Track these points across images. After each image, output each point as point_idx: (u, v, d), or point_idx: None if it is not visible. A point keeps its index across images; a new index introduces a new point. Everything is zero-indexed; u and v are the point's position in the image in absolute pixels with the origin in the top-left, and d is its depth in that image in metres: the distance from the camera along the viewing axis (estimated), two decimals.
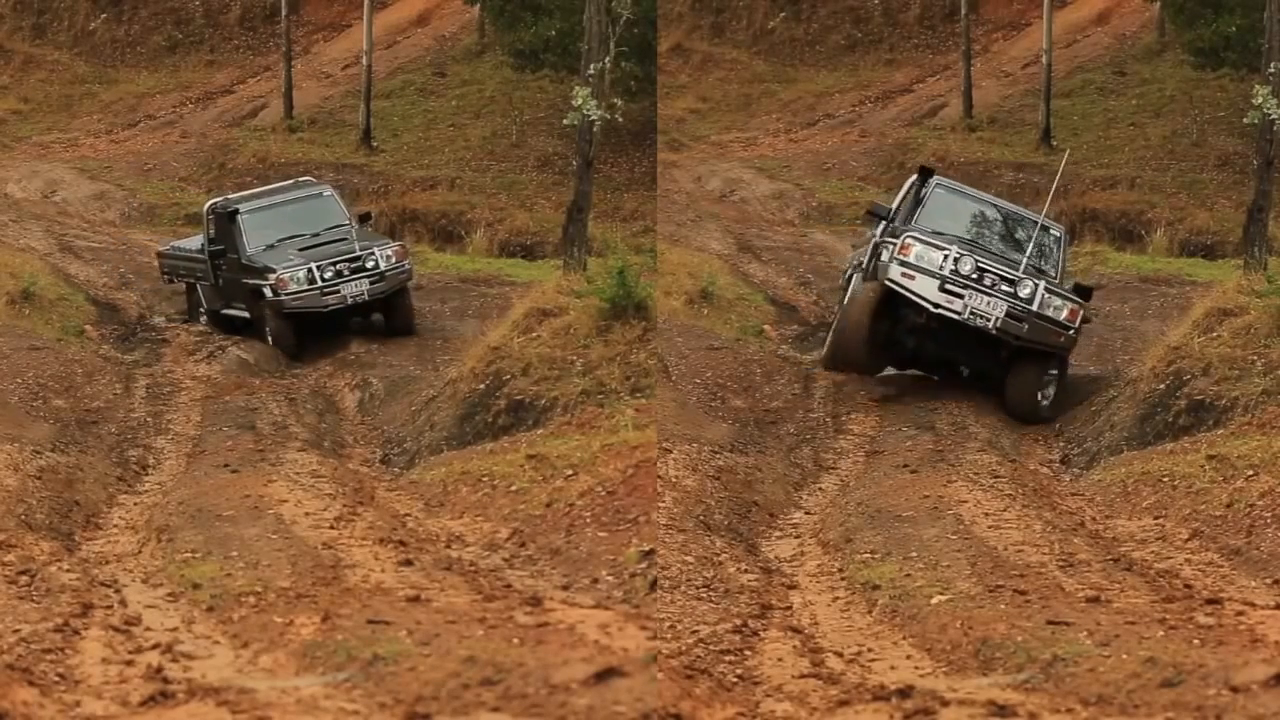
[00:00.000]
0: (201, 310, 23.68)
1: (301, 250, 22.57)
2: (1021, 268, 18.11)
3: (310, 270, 22.13)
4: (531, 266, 25.85)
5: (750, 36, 35.50)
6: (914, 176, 19.99)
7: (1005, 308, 17.82)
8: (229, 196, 24.50)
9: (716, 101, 33.60)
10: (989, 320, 17.76)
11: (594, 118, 19.17)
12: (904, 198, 19.79)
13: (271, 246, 22.75)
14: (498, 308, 21.38)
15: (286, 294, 22.08)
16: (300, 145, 31.81)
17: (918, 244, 17.97)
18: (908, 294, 17.85)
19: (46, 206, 29.85)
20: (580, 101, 19.13)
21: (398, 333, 22.34)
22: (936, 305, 17.76)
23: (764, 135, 32.25)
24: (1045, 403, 18.14)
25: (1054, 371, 18.29)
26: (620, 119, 20.60)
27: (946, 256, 17.89)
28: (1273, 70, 18.98)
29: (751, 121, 32.87)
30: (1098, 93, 31.84)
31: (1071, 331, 18.04)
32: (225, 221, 23.13)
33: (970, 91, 31.52)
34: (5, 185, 30.52)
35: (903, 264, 17.90)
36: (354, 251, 22.27)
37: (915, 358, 18.92)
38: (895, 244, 18.11)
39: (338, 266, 22.20)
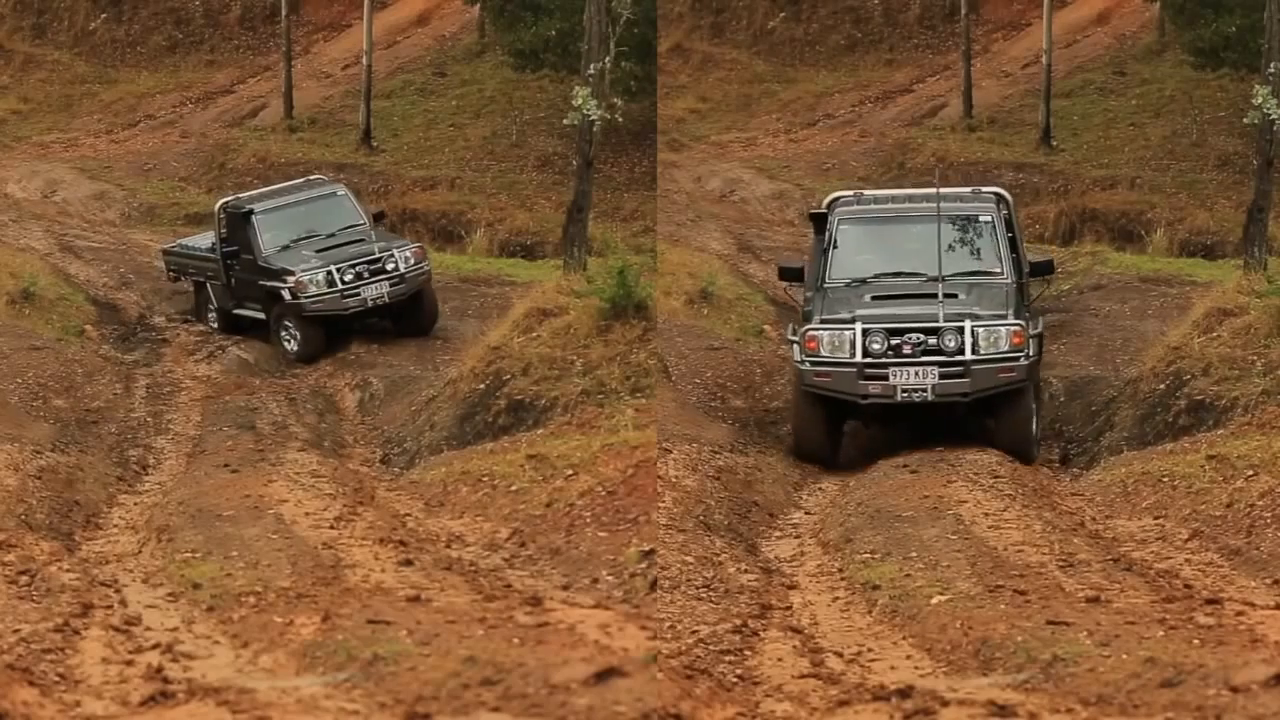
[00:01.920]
0: (211, 309, 23.39)
1: (319, 252, 22.24)
2: (940, 315, 15.91)
3: (330, 273, 21.79)
4: (531, 266, 25.86)
5: (750, 36, 35.53)
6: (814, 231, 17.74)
7: (936, 371, 15.88)
8: (240, 195, 24.19)
9: (716, 101, 33.62)
10: (925, 392, 15.86)
11: (594, 118, 19.17)
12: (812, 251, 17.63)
13: (287, 247, 22.47)
14: (498, 308, 21.37)
15: (306, 297, 21.72)
16: (300, 145, 31.82)
17: (822, 334, 16.05)
18: (832, 395, 16.07)
19: (46, 206, 29.86)
20: (580, 101, 19.13)
21: (418, 333, 22.01)
22: (865, 396, 15.96)
23: (764, 135, 32.26)
24: (1038, 437, 16.36)
25: (1031, 404, 16.30)
26: (620, 119, 20.58)
27: (854, 339, 15.95)
28: (1273, 70, 18.98)
29: (751, 121, 32.89)
30: (1098, 93, 31.85)
31: (1023, 359, 15.92)
32: (240, 221, 22.82)
33: (970, 91, 31.53)
34: (5, 185, 30.54)
35: (814, 363, 16.05)
36: (374, 253, 21.95)
37: (888, 424, 16.85)
38: (799, 340, 16.21)
39: (357, 269, 21.86)
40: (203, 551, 11.51)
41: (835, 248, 17.14)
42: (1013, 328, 16.00)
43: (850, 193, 18.24)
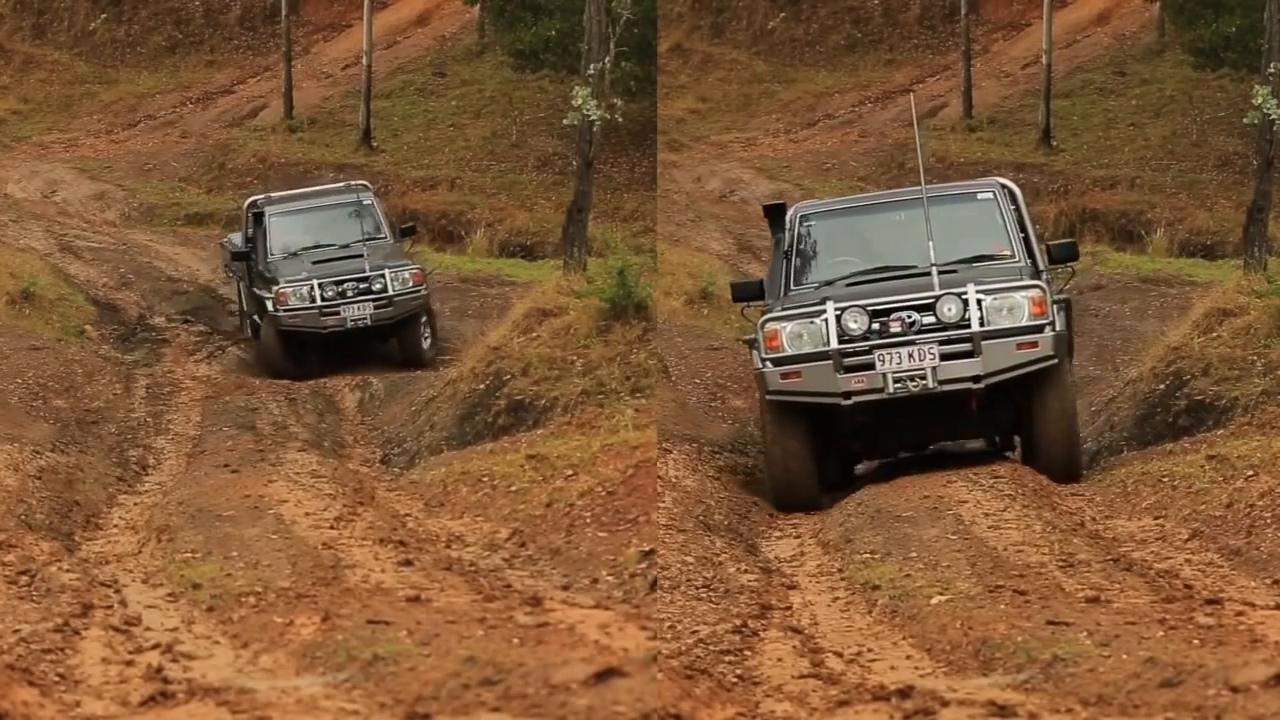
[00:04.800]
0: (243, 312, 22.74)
1: (316, 263, 21.23)
2: (935, 284, 13.00)
3: (313, 287, 20.79)
4: (531, 266, 25.91)
5: (750, 36, 35.57)
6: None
7: (937, 351, 12.95)
8: (272, 195, 23.38)
9: (716, 102, 33.66)
10: (925, 379, 12.92)
11: (594, 118, 19.17)
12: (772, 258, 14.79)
13: (294, 255, 21.55)
14: (498, 308, 21.37)
15: (284, 310, 20.80)
16: (300, 145, 31.87)
17: (783, 324, 13.17)
18: (804, 400, 13.15)
19: (46, 206, 29.88)
20: (580, 101, 19.13)
21: (409, 363, 20.98)
22: (848, 395, 12.99)
23: (764, 135, 32.31)
24: (1080, 443, 13.84)
25: (1069, 393, 13.52)
26: (620, 119, 20.58)
27: (825, 322, 13.01)
28: (1272, 70, 18.98)
29: (751, 121, 32.94)
30: (1098, 93, 31.90)
31: (1048, 328, 13.02)
32: (255, 222, 22.15)
33: (970, 91, 31.57)
34: (5, 185, 30.58)
35: (777, 362, 13.13)
36: (363, 271, 20.87)
37: (888, 447, 14.26)
38: (759, 338, 13.33)
39: (341, 286, 20.79)
40: (203, 551, 11.51)
41: (799, 251, 14.31)
42: (1030, 293, 13.06)
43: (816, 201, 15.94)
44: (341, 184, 23.89)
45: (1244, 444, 13.58)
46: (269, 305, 21.06)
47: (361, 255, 21.20)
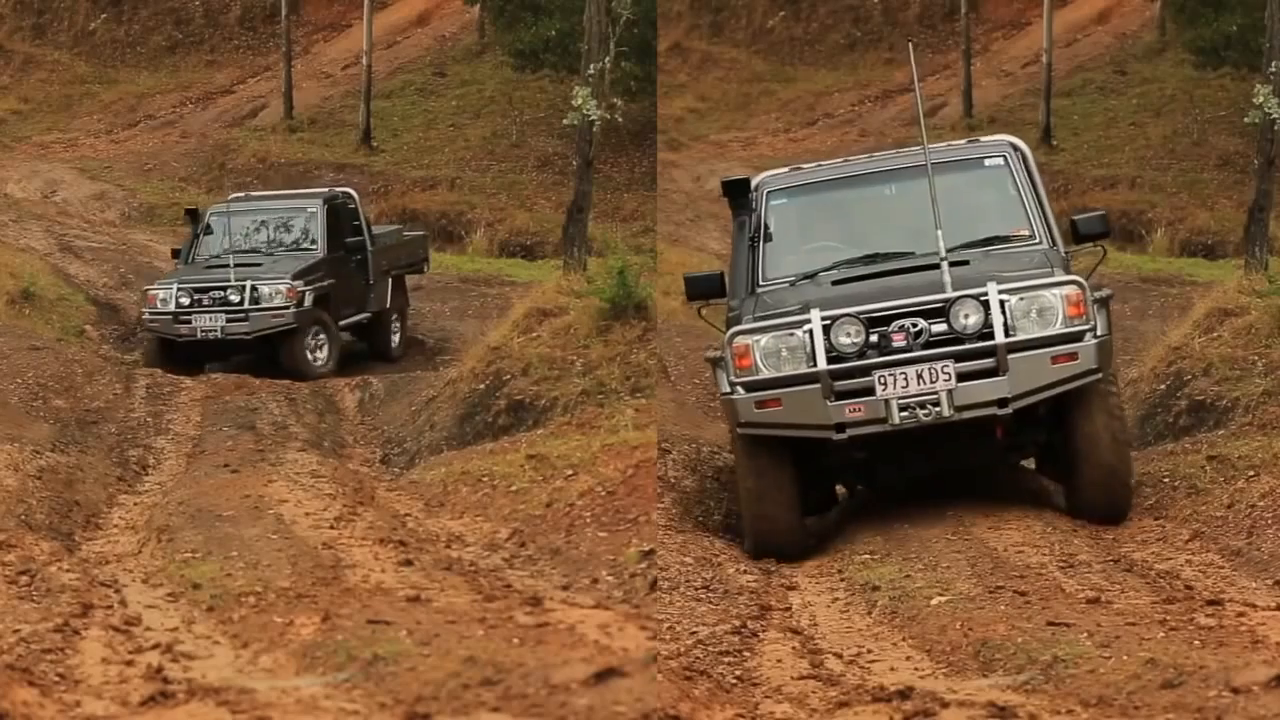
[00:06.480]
0: None
1: (206, 269, 20.79)
2: (948, 282, 10.62)
3: (173, 292, 20.37)
4: (531, 266, 25.94)
5: (749, 35, 35.62)
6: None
7: (953, 370, 10.53)
8: (252, 195, 23.10)
9: (715, 101, 33.71)
10: (939, 406, 10.54)
11: (594, 118, 19.16)
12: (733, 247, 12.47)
13: (217, 257, 21.00)
14: (498, 308, 21.38)
15: (149, 313, 20.65)
16: (300, 145, 31.89)
17: (757, 338, 10.83)
18: (786, 434, 10.90)
19: (46, 206, 29.89)
20: (580, 101, 19.12)
21: (296, 376, 20.30)
22: (841, 428, 10.68)
23: (763, 134, 32.35)
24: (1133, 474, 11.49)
25: (1118, 412, 11.19)
26: (620, 119, 20.57)
27: (810, 335, 10.62)
28: (1273, 69, 18.97)
29: (751, 120, 32.98)
30: (1098, 92, 31.92)
31: (1089, 335, 10.68)
32: (192, 220, 21.77)
33: (970, 91, 31.58)
34: (5, 185, 30.58)
35: (750, 387, 10.82)
36: (226, 281, 20.21)
37: (888, 480, 12.06)
38: (726, 355, 11.03)
39: (197, 295, 20.32)
40: (203, 551, 11.51)
41: (769, 237, 11.97)
42: (1065, 290, 10.62)
43: (785, 169, 13.26)
44: (325, 189, 23.46)
45: (1245, 444, 13.57)
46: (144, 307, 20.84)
47: (238, 264, 20.46)
